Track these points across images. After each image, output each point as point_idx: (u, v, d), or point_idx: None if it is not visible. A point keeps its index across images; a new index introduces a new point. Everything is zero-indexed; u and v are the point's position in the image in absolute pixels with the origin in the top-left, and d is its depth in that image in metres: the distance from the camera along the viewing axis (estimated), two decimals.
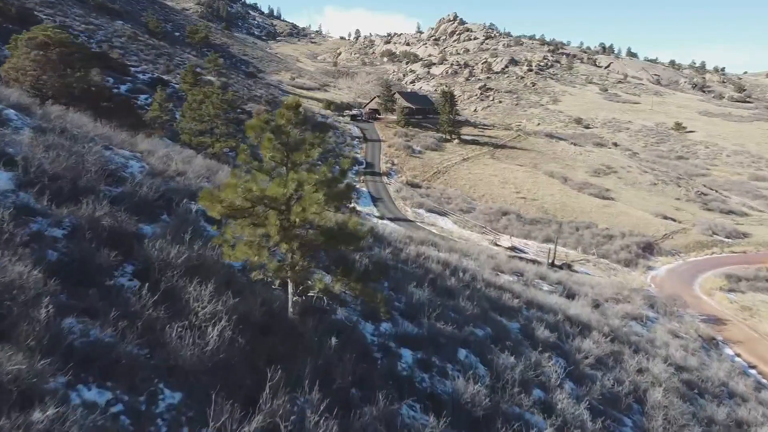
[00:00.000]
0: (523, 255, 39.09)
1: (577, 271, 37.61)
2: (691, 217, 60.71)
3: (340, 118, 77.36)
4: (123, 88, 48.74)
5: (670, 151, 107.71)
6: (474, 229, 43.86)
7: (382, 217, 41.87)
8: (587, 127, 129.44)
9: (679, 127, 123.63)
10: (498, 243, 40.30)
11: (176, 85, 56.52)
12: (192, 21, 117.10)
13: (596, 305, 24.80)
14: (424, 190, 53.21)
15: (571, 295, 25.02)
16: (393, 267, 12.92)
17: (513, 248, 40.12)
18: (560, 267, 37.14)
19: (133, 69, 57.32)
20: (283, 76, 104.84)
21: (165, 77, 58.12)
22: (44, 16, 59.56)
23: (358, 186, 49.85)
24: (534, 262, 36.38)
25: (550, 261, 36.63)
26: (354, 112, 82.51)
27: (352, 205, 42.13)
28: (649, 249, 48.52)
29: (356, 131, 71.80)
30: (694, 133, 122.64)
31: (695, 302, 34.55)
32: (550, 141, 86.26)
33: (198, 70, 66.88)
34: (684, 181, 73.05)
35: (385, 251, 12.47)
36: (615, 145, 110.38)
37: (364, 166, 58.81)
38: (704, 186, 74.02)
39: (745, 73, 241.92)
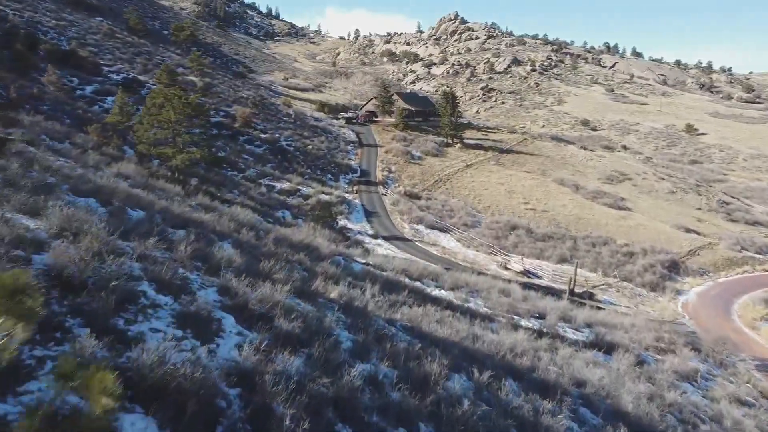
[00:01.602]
0: (537, 281, 34.12)
1: (600, 301, 32.61)
2: (715, 230, 55.66)
3: (335, 121, 72.34)
4: (88, 89, 43.86)
5: (682, 155, 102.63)
6: (480, 248, 38.83)
7: (376, 236, 36.88)
8: (594, 129, 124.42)
9: (690, 129, 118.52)
10: (508, 266, 35.30)
11: (153, 86, 51.58)
12: (182, 19, 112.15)
13: (639, 362, 19.87)
14: (424, 201, 48.19)
15: (607, 349, 20.06)
16: (371, 380, 7.94)
17: (525, 272, 35.11)
18: (581, 296, 32.16)
19: (105, 68, 52.49)
20: (276, 76, 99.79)
21: (141, 77, 53.22)
22: (10, 12, 54.70)
23: (350, 198, 44.86)
24: (551, 291, 31.37)
25: (570, 288, 31.60)
26: (349, 114, 77.44)
27: (341, 223, 37.21)
28: (674, 268, 43.52)
29: (351, 135, 66.81)
30: (706, 135, 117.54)
31: (740, 339, 29.56)
32: (558, 145, 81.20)
33: (180, 69, 62.04)
34: (704, 189, 67.97)
35: (355, 370, 7.47)
36: (624, 148, 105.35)
37: (358, 174, 53.81)
38: (725, 194, 68.93)
39: (751, 73, 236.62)
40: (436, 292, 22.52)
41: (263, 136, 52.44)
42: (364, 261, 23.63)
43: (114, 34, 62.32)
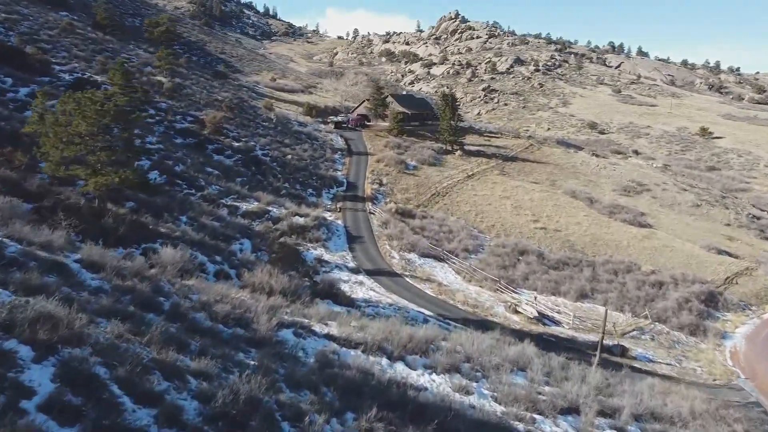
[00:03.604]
0: (555, 330, 27.60)
1: (635, 357, 26.11)
2: (749, 250, 49.15)
3: (322, 125, 65.80)
4: (23, 91, 37.37)
5: (698, 161, 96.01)
6: (484, 284, 32.27)
7: (357, 270, 30.34)
8: (602, 133, 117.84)
9: (704, 132, 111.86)
10: (519, 309, 28.75)
11: (110, 87, 45.17)
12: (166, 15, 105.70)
13: None
14: (419, 220, 41.68)
15: None
16: None
17: (540, 317, 28.59)
18: (612, 351, 25.67)
19: (57, 67, 46.14)
20: (263, 76, 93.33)
21: (98, 78, 46.75)
22: None
23: (331, 218, 38.33)
24: (574, 347, 24.90)
25: (600, 341, 25.07)
26: (339, 118, 70.85)
27: (316, 253, 30.70)
28: (712, 301, 36.98)
29: (340, 142, 60.30)
30: (722, 139, 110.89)
31: None
32: (567, 151, 74.65)
33: (147, 69, 55.63)
34: (731, 201, 61.38)
35: None
36: (636, 153, 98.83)
37: (344, 188, 47.30)
38: (753, 206, 62.37)
39: (758, 72, 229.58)
40: (424, 380, 16.04)
41: (235, 144, 45.98)
42: (325, 332, 17.15)
43: (74, 30, 55.90)
